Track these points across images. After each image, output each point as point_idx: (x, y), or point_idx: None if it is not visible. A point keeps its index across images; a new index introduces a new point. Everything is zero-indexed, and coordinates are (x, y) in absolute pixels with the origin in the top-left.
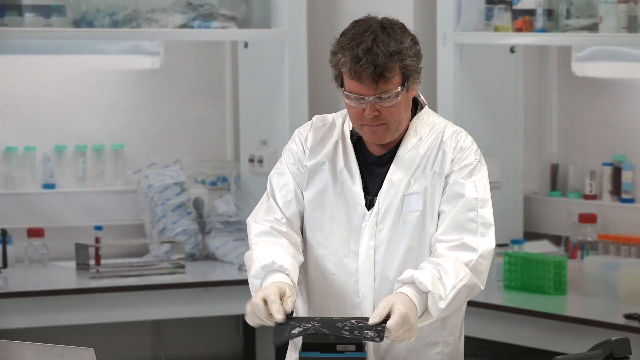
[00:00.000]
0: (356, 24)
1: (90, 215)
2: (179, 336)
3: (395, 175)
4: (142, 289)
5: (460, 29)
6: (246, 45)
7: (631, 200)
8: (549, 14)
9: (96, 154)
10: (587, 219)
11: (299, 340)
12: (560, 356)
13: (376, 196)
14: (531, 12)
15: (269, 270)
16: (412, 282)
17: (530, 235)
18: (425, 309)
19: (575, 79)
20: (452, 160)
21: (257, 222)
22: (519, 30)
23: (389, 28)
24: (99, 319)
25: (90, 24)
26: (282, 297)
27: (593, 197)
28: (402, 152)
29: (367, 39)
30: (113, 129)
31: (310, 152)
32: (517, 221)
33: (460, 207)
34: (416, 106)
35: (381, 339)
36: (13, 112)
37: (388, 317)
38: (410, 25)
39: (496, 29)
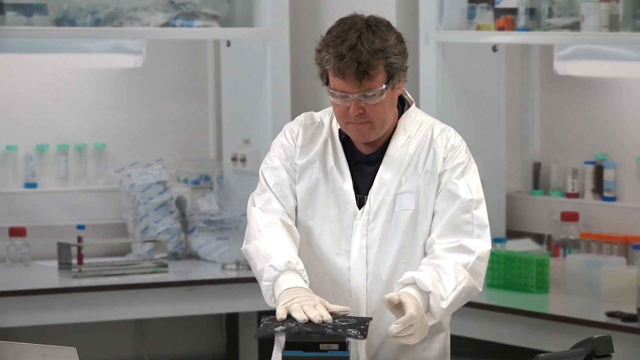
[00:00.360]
0: (342, 21)
1: (73, 215)
2: (162, 335)
3: (385, 174)
4: (125, 288)
5: (443, 28)
6: (229, 44)
7: (613, 199)
8: (531, 12)
9: (78, 153)
10: (570, 217)
11: (283, 340)
12: (542, 354)
13: (366, 195)
14: (513, 11)
15: (292, 268)
16: (413, 283)
17: (513, 233)
18: (428, 309)
19: (557, 77)
20: (444, 159)
21: (265, 211)
22: (501, 28)
23: (374, 26)
24: (81, 319)
25: (72, 23)
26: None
27: (575, 195)
28: (391, 151)
29: (352, 37)
30: (95, 128)
31: (301, 150)
32: (500, 220)
33: (456, 209)
34: (403, 104)
35: (364, 336)
36: None
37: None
38: (392, 23)
39: (478, 28)
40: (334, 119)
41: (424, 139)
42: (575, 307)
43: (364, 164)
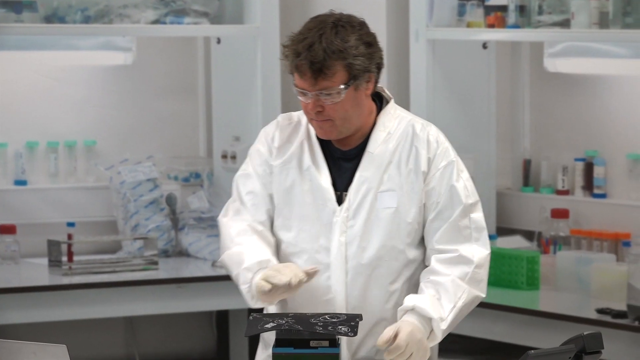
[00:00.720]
0: (313, 19)
1: (63, 212)
2: (153, 333)
3: (366, 171)
4: (115, 285)
5: (433, 25)
6: (219, 41)
7: (603, 196)
8: (521, 10)
9: (68, 150)
10: (560, 214)
11: (269, 338)
12: (532, 351)
13: (345, 192)
14: (503, 8)
15: (264, 267)
16: (412, 309)
17: (503, 230)
18: (431, 330)
19: (547, 74)
20: (430, 158)
21: (234, 221)
22: (491, 26)
23: (340, 26)
24: (71, 316)
25: (62, 20)
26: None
27: (565, 192)
28: (371, 147)
29: (314, 35)
30: (85, 125)
31: (277, 151)
32: (490, 216)
33: (457, 214)
34: (382, 102)
35: (355, 333)
36: None
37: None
38: (382, 21)
39: (469, 25)
40: None
41: (404, 135)
42: (566, 304)
43: (342, 161)
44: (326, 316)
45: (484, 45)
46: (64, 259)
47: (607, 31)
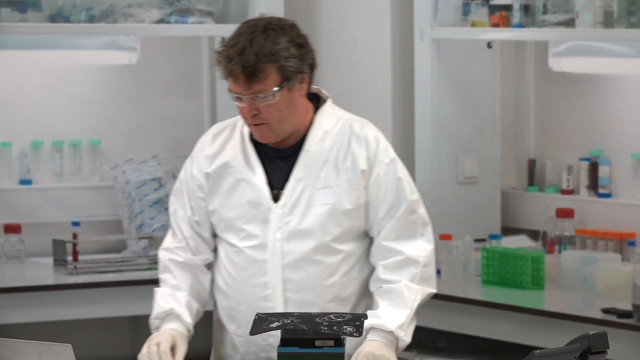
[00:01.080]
0: (245, 24)
1: (68, 211)
2: None
3: (302, 169)
4: (120, 284)
5: (437, 25)
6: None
7: (608, 195)
8: (526, 9)
9: (73, 149)
10: (565, 213)
11: (239, 343)
12: (538, 351)
13: (282, 190)
14: (508, 8)
15: (167, 316)
16: (372, 328)
17: (508, 230)
18: (396, 339)
19: (552, 74)
20: (370, 157)
21: (162, 253)
22: (495, 25)
23: (271, 29)
24: (76, 315)
25: (66, 19)
26: (173, 347)
27: (570, 192)
28: (308, 145)
29: (245, 40)
30: (90, 125)
31: (211, 159)
32: (495, 216)
33: (403, 211)
34: (319, 101)
35: (360, 334)
36: None
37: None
38: (387, 21)
39: (473, 24)
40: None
41: (341, 133)
42: (571, 304)
43: (278, 160)
44: (331, 316)
45: (489, 45)
46: (69, 258)
47: (612, 30)
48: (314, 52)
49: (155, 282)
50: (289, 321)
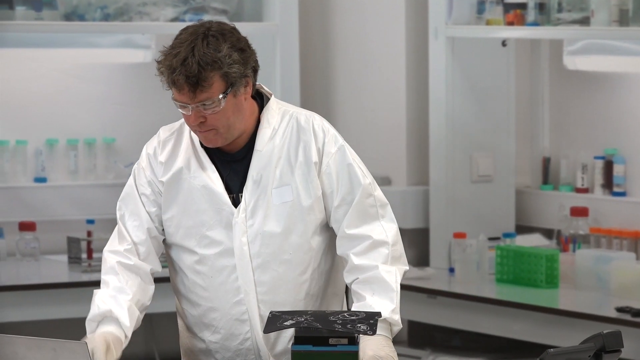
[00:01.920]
0: (184, 31)
1: (82, 209)
2: (171, 329)
3: (257, 170)
4: None
5: (452, 23)
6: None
7: (623, 194)
8: (541, 7)
9: (88, 147)
10: (579, 212)
11: (215, 348)
12: (552, 349)
13: (240, 192)
14: (523, 6)
15: (105, 318)
16: None
17: (522, 228)
18: (390, 326)
19: (567, 72)
20: (319, 148)
21: (108, 255)
22: (510, 23)
23: (211, 36)
24: None
25: (81, 18)
26: (107, 349)
27: (585, 190)
28: (259, 145)
29: (186, 49)
30: (105, 123)
31: (164, 166)
32: (509, 215)
33: (360, 196)
34: (262, 99)
35: (374, 332)
36: (4, 106)
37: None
38: (401, 19)
39: (488, 23)
40: None
41: (289, 128)
42: (585, 302)
43: (232, 163)
44: (345, 314)
45: (503, 43)
46: (84, 256)
47: (627, 29)
48: (255, 55)
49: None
50: (302, 319)
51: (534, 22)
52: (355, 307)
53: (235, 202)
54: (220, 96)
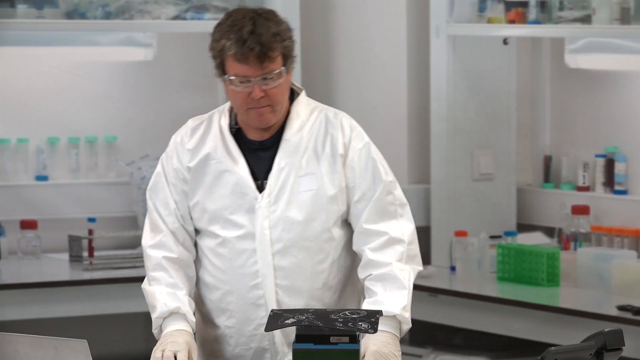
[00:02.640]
0: (231, 14)
1: (84, 207)
2: None
3: (284, 158)
4: (136, 280)
5: (453, 21)
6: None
7: (624, 192)
8: (542, 5)
9: (89, 145)
10: (580, 210)
11: (229, 334)
12: (553, 348)
13: (266, 179)
14: (524, 4)
15: (172, 315)
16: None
17: (524, 226)
18: (399, 324)
19: (568, 70)
20: (346, 142)
21: (151, 251)
22: (512, 21)
23: (264, 14)
24: (92, 311)
25: (82, 16)
26: (189, 355)
27: (586, 188)
28: (288, 135)
29: (248, 23)
30: (106, 121)
31: (192, 153)
32: (510, 213)
33: (380, 192)
34: (292, 93)
35: (375, 330)
36: (5, 104)
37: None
38: (403, 17)
39: (489, 21)
40: (222, 116)
41: (317, 122)
42: (586, 301)
43: (259, 151)
44: (346, 312)
45: (505, 41)
46: (85, 254)
47: (629, 27)
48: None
49: None
50: (304, 317)
51: (535, 21)
52: (366, 303)
53: (260, 189)
54: (283, 68)
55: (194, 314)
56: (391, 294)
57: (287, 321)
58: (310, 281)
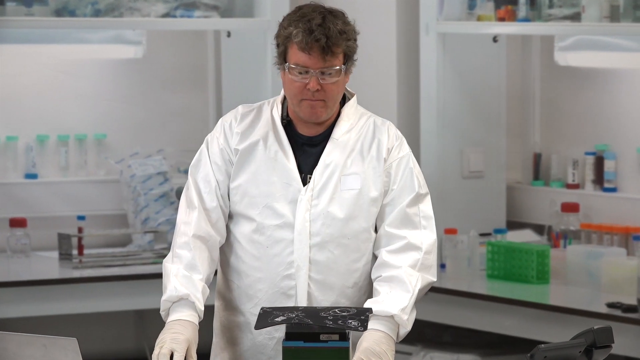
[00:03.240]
0: (302, 7)
1: (73, 205)
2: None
3: (331, 155)
4: (125, 278)
5: (443, 19)
6: (229, 34)
7: (613, 190)
8: (532, 3)
9: (79, 143)
10: (570, 208)
11: (253, 321)
12: (543, 345)
13: (310, 174)
14: (514, 2)
15: (181, 300)
16: (373, 316)
17: (513, 224)
18: (397, 325)
19: (557, 68)
20: (389, 148)
21: (184, 226)
22: (501, 19)
23: (334, 12)
24: (82, 309)
25: (72, 13)
26: (187, 353)
27: (575, 186)
28: (337, 134)
29: (317, 17)
30: (96, 119)
31: (240, 136)
32: (500, 210)
33: (409, 201)
34: (343, 97)
35: (365, 328)
36: None
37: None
38: (392, 14)
39: (479, 19)
40: (274, 107)
41: (366, 127)
42: (576, 298)
43: (306, 146)
44: (336, 310)
45: (495, 39)
46: (75, 252)
47: (618, 24)
48: None
49: (159, 276)
50: (294, 315)
51: (525, 18)
52: (368, 302)
53: (304, 182)
54: (343, 66)
55: (205, 300)
56: (393, 295)
57: (277, 319)
58: (343, 278)
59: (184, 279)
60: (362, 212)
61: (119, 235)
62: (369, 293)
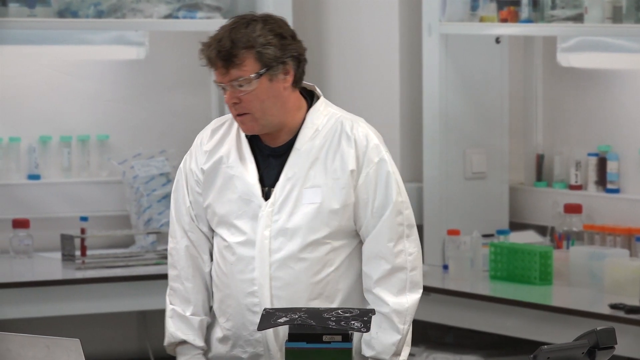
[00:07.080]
0: (234, 17)
1: (76, 206)
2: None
3: (294, 168)
4: (128, 279)
5: (446, 20)
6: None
7: (616, 191)
8: (534, 4)
9: (81, 144)
10: (573, 209)
11: (228, 335)
12: (545, 346)
13: (273, 187)
14: (516, 3)
15: (181, 346)
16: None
17: (516, 225)
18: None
19: (560, 69)
20: (359, 156)
21: (173, 251)
22: (504, 20)
23: (253, 21)
24: (84, 310)
25: (74, 14)
26: None
27: (578, 187)
28: (299, 144)
29: (225, 30)
30: (98, 120)
31: (208, 155)
32: (503, 211)
33: (390, 212)
34: (312, 99)
35: (367, 329)
36: None
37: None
38: (395, 16)
39: (481, 20)
40: None
41: (332, 131)
42: (579, 299)
43: (271, 157)
44: (339, 311)
45: (497, 40)
46: (77, 253)
47: (621, 26)
48: (300, 47)
49: (162, 277)
50: (296, 316)
51: (527, 19)
52: (363, 342)
53: (267, 196)
54: (253, 75)
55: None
56: (383, 338)
57: (279, 320)
58: (307, 292)
59: (179, 320)
60: (322, 226)
61: (121, 236)
62: (340, 302)
